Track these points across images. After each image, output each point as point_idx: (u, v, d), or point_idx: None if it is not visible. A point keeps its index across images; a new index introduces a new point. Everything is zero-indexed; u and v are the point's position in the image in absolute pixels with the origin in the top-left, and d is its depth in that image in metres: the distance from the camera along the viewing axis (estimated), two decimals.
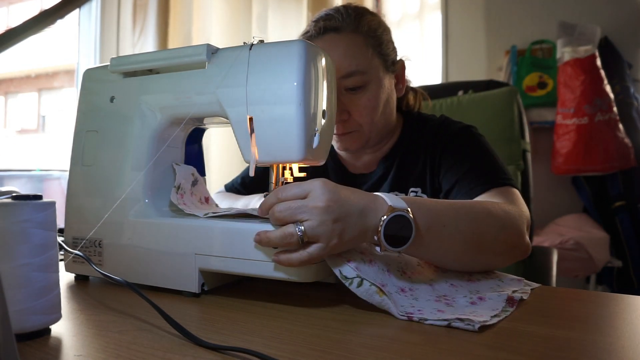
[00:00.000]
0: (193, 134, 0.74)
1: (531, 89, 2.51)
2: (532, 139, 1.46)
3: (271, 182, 0.65)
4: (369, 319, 0.53)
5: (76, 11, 1.31)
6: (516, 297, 0.57)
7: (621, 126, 2.27)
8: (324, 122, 0.63)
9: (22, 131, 2.02)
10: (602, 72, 2.28)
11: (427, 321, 0.51)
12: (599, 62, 2.28)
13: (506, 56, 2.65)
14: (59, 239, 0.68)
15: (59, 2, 0.27)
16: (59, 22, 0.28)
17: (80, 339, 0.47)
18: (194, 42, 1.79)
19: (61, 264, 0.63)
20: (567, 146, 2.31)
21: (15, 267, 0.45)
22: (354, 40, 0.84)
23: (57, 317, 0.48)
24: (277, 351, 0.43)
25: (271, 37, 2.06)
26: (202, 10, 1.85)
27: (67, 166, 0.73)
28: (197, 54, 0.63)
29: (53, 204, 0.48)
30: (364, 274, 0.56)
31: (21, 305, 0.45)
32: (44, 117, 2.07)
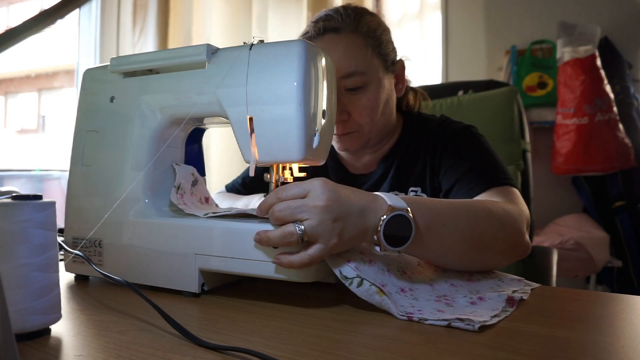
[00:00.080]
0: (193, 134, 0.75)
1: (531, 89, 2.51)
2: (532, 139, 1.46)
3: (271, 182, 0.65)
4: (369, 319, 0.53)
5: (76, 11, 1.31)
6: (516, 297, 0.57)
7: (621, 126, 2.27)
8: (324, 122, 0.63)
9: (22, 131, 2.02)
10: (602, 72, 2.28)
11: (427, 321, 0.51)
12: (599, 62, 2.28)
13: (506, 56, 2.65)
14: (59, 239, 0.68)
15: (59, 2, 0.27)
16: (59, 22, 0.28)
17: (80, 339, 0.47)
18: (194, 42, 1.79)
19: (61, 264, 0.63)
20: (567, 146, 2.31)
21: (15, 267, 0.45)
22: (354, 41, 0.84)
23: (57, 317, 0.48)
24: (277, 351, 0.43)
25: (271, 37, 2.06)
26: (202, 10, 1.85)
27: (67, 166, 0.73)
28: (197, 54, 0.64)
29: (53, 204, 0.48)
30: (364, 274, 0.56)
31: (21, 305, 0.45)
32: (44, 117, 2.07)
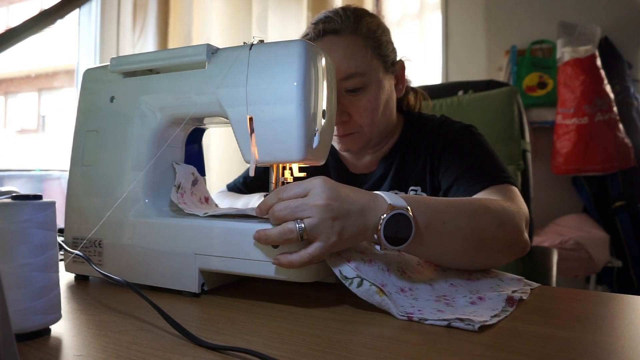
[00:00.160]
0: (193, 134, 0.75)
1: (531, 89, 2.51)
2: (532, 139, 1.46)
3: (271, 182, 0.65)
4: (369, 319, 0.53)
5: (76, 11, 1.31)
6: (516, 297, 0.57)
7: (621, 126, 2.27)
8: (324, 122, 0.63)
9: (22, 131, 2.02)
10: (602, 72, 2.28)
11: (427, 321, 0.51)
12: (599, 62, 2.28)
13: (506, 56, 2.65)
14: (59, 239, 0.68)
15: (59, 2, 0.27)
16: (59, 22, 0.28)
17: (80, 339, 0.47)
18: (194, 42, 1.79)
19: (61, 264, 0.63)
20: (567, 146, 2.31)
21: (15, 267, 0.45)
22: (354, 43, 0.84)
23: (57, 317, 0.48)
24: (277, 351, 0.43)
25: (271, 37, 2.06)
26: (202, 10, 1.85)
27: (67, 166, 0.73)
28: (197, 54, 0.63)
29: (53, 204, 0.48)
30: (364, 274, 0.56)
31: (21, 305, 0.45)
32: (44, 117, 2.07)
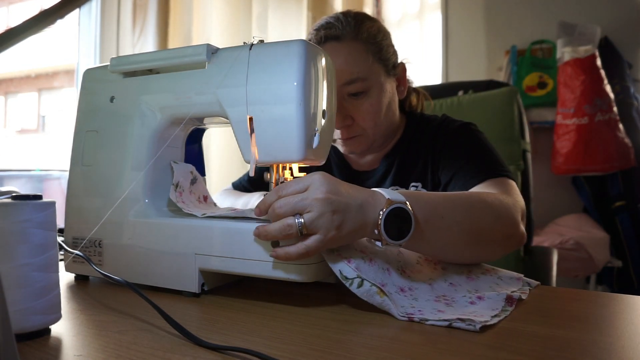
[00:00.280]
0: (193, 134, 0.75)
1: (531, 89, 2.51)
2: (532, 139, 1.46)
3: (271, 182, 0.65)
4: (369, 319, 0.53)
5: (76, 11, 1.31)
6: (515, 296, 0.57)
7: (621, 126, 2.27)
8: (324, 122, 0.63)
9: (22, 131, 2.01)
10: (602, 72, 2.28)
11: (428, 321, 0.51)
12: (599, 62, 2.28)
13: (506, 56, 2.65)
14: (59, 239, 0.68)
15: (59, 2, 0.27)
16: (59, 22, 0.28)
17: (80, 339, 0.47)
18: (194, 42, 1.79)
19: (61, 264, 0.63)
20: (567, 146, 2.31)
21: (15, 267, 0.45)
22: (355, 48, 0.86)
23: (57, 317, 0.48)
24: (277, 351, 0.43)
25: (271, 37, 2.06)
26: (202, 10, 1.85)
27: (67, 166, 0.73)
28: (197, 54, 0.63)
29: (53, 204, 0.48)
30: (364, 275, 0.56)
31: (21, 305, 0.45)
32: (44, 117, 2.07)
